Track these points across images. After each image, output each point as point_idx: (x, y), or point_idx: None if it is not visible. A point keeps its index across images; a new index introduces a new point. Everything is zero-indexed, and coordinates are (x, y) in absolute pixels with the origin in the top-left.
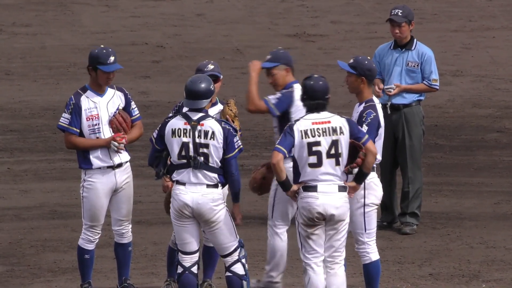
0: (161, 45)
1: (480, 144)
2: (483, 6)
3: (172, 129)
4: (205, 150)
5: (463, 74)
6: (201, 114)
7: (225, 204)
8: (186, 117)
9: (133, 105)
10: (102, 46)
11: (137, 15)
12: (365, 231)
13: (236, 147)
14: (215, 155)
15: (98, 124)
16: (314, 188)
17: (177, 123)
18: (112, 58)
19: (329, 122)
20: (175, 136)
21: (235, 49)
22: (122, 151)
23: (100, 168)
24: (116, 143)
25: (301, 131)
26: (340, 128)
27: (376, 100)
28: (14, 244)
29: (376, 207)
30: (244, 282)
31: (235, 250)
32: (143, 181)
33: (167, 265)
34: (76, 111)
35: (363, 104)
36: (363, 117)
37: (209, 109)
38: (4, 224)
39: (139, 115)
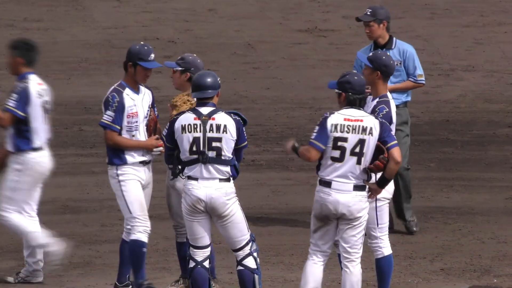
0: (173, 40)
1: (491, 139)
2: (495, 1)
3: (182, 125)
4: (217, 144)
5: (474, 69)
6: (211, 109)
7: (237, 198)
8: (196, 112)
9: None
10: (142, 42)
11: (148, 10)
12: (378, 225)
13: (245, 137)
14: (228, 148)
15: (137, 122)
16: (328, 185)
17: (187, 118)
18: (152, 55)
19: (361, 120)
20: (185, 132)
21: (246, 44)
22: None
23: (133, 163)
24: (159, 150)
25: (332, 124)
26: (371, 128)
27: (389, 96)
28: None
29: (388, 201)
30: (256, 276)
31: (246, 244)
32: (155, 176)
33: (180, 261)
34: (119, 109)
35: (377, 99)
36: (376, 111)
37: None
38: None
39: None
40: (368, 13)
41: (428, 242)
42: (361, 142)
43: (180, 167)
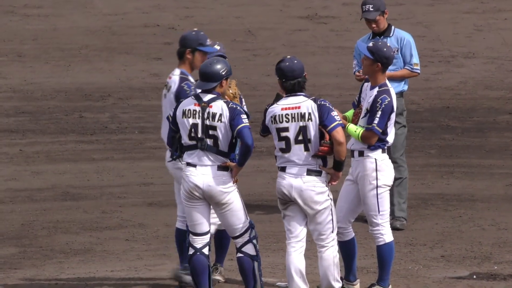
0: (173, 27)
1: (492, 126)
2: None
3: (183, 109)
4: (214, 133)
5: (475, 56)
6: (212, 96)
7: (236, 185)
8: (198, 98)
9: None
10: (195, 29)
11: None
12: (379, 212)
13: (243, 120)
14: (224, 138)
15: None
16: (283, 169)
17: (189, 104)
18: (209, 40)
19: (298, 107)
20: (186, 117)
21: (246, 31)
22: None
23: None
24: None
25: (271, 116)
26: (309, 114)
27: (389, 85)
28: (26, 226)
29: (389, 188)
30: (255, 263)
31: (245, 231)
32: (155, 163)
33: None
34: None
35: (377, 88)
36: (378, 102)
37: None
38: (16, 206)
39: None
40: (371, 9)
41: (428, 229)
42: (303, 129)
43: (178, 152)
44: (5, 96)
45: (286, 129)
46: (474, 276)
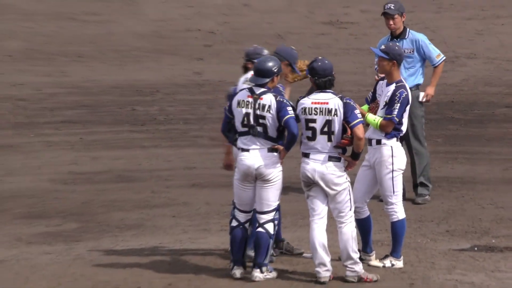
0: (213, 31)
1: (491, 118)
2: None
3: (238, 100)
4: (264, 121)
5: (476, 57)
6: (263, 90)
7: (281, 167)
8: (251, 91)
9: None
10: (254, 45)
11: (191, 5)
12: (394, 193)
13: (289, 112)
14: (272, 126)
15: None
16: (307, 155)
17: (243, 95)
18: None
19: (327, 103)
20: (240, 107)
21: (276, 35)
22: None
23: None
24: None
25: (301, 108)
26: (335, 110)
27: (404, 81)
28: (86, 204)
29: (402, 171)
30: (271, 240)
31: (273, 210)
32: (197, 150)
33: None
34: None
35: (394, 84)
36: (396, 95)
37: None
38: (77, 187)
39: None
40: (392, 7)
41: (435, 208)
42: (328, 123)
43: (234, 135)
44: (67, 92)
45: (314, 121)
46: (475, 248)
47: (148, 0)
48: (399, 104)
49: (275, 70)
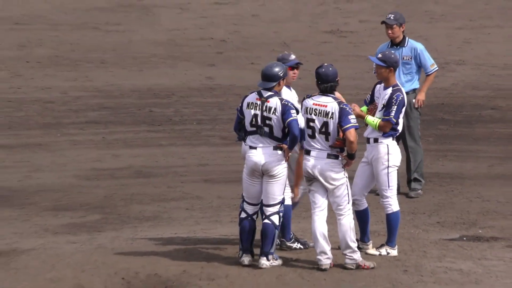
0: (224, 39)
1: (478, 119)
2: (481, 9)
3: (247, 102)
4: (270, 122)
5: (465, 63)
6: (270, 93)
7: (286, 164)
8: (259, 94)
9: None
10: (286, 52)
11: (204, 16)
12: (389, 187)
13: (292, 114)
14: (277, 127)
15: None
16: (308, 153)
17: (252, 98)
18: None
19: (326, 106)
20: (249, 108)
21: (282, 43)
22: None
23: None
24: None
25: (304, 107)
26: (332, 113)
27: (399, 84)
28: (108, 198)
29: (397, 168)
30: (276, 231)
31: (278, 203)
32: (209, 148)
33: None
34: None
35: (391, 88)
36: (393, 98)
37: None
38: (100, 182)
39: None
40: (392, 17)
41: (427, 201)
42: (326, 124)
43: (243, 134)
44: (91, 95)
45: (313, 120)
46: (464, 238)
47: (165, 11)
48: (396, 106)
49: (280, 75)
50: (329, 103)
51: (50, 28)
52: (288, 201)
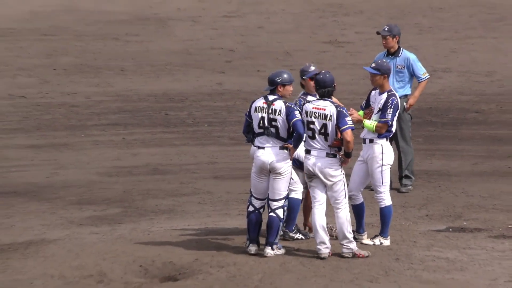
0: (232, 49)
1: (463, 121)
2: (466, 21)
3: (255, 106)
4: (275, 124)
5: (451, 71)
6: (275, 97)
7: (291, 162)
8: (266, 98)
9: None
10: (307, 63)
11: (215, 28)
12: (382, 183)
13: (296, 115)
14: (283, 128)
15: None
16: (308, 152)
17: (259, 102)
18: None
19: (324, 109)
20: (256, 111)
21: (285, 52)
22: None
23: None
24: None
25: (305, 111)
26: (330, 116)
27: (393, 90)
28: (126, 193)
29: (390, 166)
30: (281, 223)
31: (283, 198)
32: (219, 148)
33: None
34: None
35: (386, 93)
36: (389, 102)
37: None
38: (120, 178)
39: None
40: (386, 29)
41: (416, 196)
42: (324, 126)
43: (251, 136)
44: (112, 99)
45: (313, 123)
46: (450, 229)
47: (179, 23)
48: (391, 109)
49: (278, 81)
50: (327, 107)
51: (74, 38)
52: (298, 196)
